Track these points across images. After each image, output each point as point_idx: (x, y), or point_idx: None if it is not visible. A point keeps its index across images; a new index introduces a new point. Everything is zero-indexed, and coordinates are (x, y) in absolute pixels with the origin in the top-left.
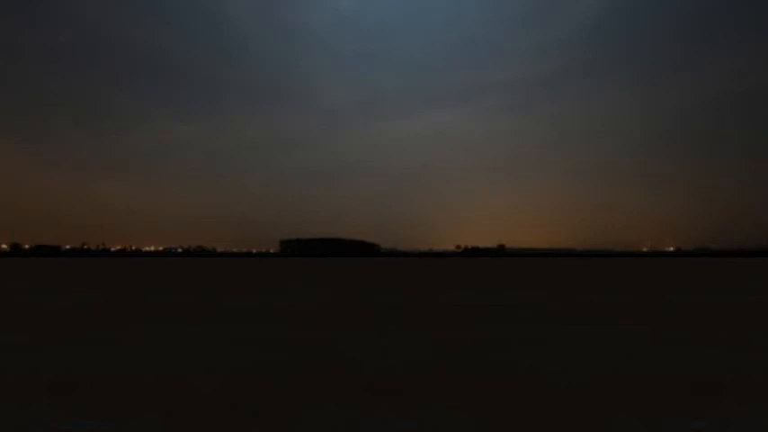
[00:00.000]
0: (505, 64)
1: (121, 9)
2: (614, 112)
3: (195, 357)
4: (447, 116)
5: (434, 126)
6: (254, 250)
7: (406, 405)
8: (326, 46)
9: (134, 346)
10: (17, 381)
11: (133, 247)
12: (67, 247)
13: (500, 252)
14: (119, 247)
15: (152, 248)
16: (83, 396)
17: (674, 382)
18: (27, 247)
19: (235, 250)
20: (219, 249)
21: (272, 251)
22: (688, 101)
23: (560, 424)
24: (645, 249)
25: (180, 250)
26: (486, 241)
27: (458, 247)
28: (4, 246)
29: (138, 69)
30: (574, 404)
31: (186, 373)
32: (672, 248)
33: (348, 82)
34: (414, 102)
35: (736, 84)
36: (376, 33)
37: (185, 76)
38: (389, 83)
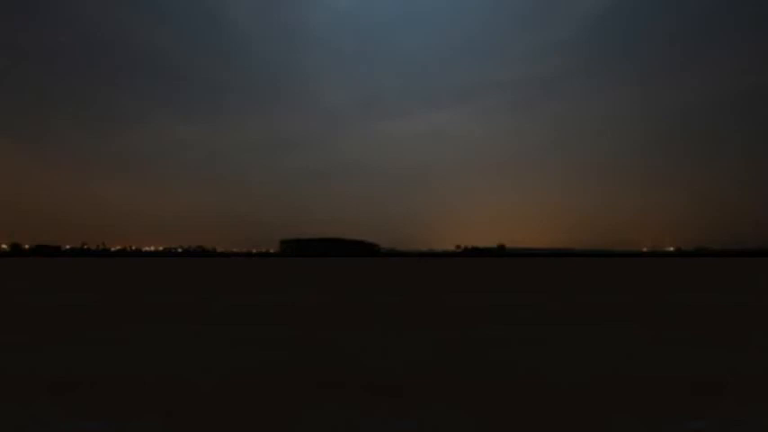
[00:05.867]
0: (505, 64)
1: (121, 9)
2: (614, 112)
3: (195, 357)
4: (447, 116)
5: (434, 126)
6: (254, 250)
7: (406, 405)
8: (326, 46)
9: (134, 346)
10: (17, 381)
11: (133, 247)
12: (67, 247)
13: (500, 252)
14: (119, 247)
15: (152, 248)
16: (83, 396)
17: (674, 382)
18: (27, 247)
19: (235, 250)
20: (219, 249)
21: (272, 251)
22: (688, 101)
23: (560, 424)
24: (645, 249)
25: (180, 250)
26: (486, 241)
27: (458, 247)
28: (4, 246)
29: (138, 69)
30: (574, 404)
31: (186, 373)
32: (672, 248)
33: (348, 82)
34: (414, 102)
35: (736, 84)
36: (376, 33)
37: (185, 76)
38: (389, 83)
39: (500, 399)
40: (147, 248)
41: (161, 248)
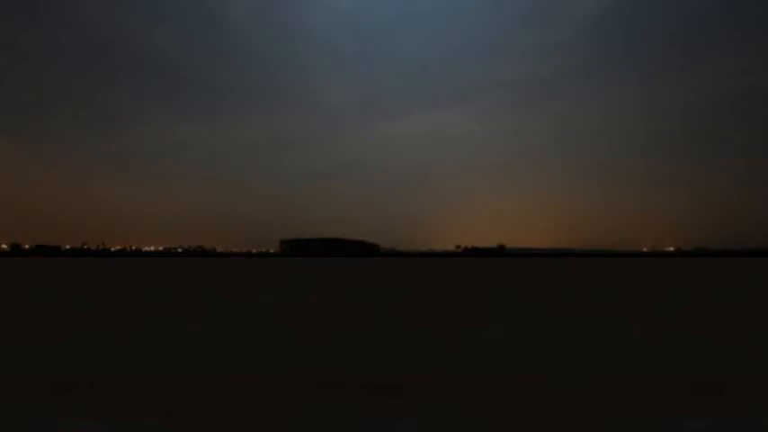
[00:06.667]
0: (505, 64)
1: (121, 9)
2: (614, 112)
3: (195, 357)
4: (447, 116)
5: (434, 126)
6: (254, 250)
7: (406, 405)
8: (326, 46)
9: (134, 346)
10: (17, 381)
11: (133, 247)
12: (67, 247)
13: (500, 252)
14: (119, 247)
15: (152, 248)
16: (83, 396)
17: (674, 382)
18: (27, 247)
19: (235, 250)
20: (219, 249)
21: (272, 251)
22: (688, 101)
23: (560, 424)
24: (645, 249)
25: (180, 250)
26: (486, 241)
27: (458, 247)
28: (4, 246)
29: (138, 69)
30: (574, 404)
31: (186, 373)
32: (672, 248)
33: (348, 82)
34: (414, 102)
35: (736, 84)
36: (376, 33)
37: (185, 76)
38: (389, 83)
39: (500, 399)
40: (147, 248)
41: (161, 248)
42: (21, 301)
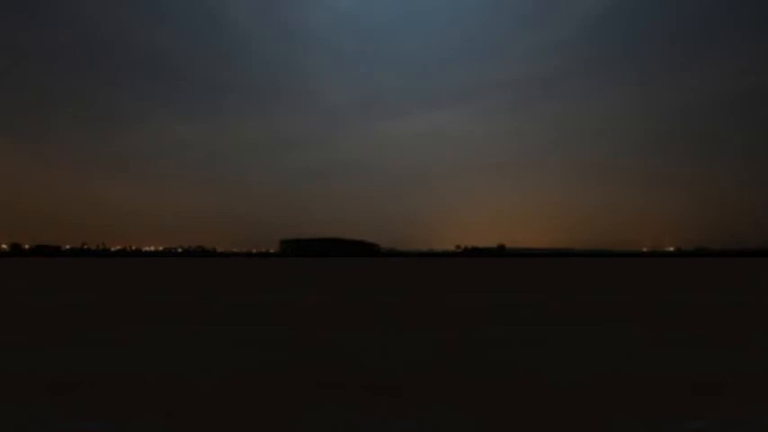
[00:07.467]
0: (505, 64)
1: (121, 9)
2: (614, 112)
3: (195, 357)
4: (447, 116)
5: (434, 126)
6: (254, 250)
7: (406, 405)
8: (326, 46)
9: (134, 346)
10: (17, 381)
11: (133, 247)
12: (67, 247)
13: (500, 252)
14: (119, 247)
15: (152, 248)
16: (83, 396)
17: (674, 382)
18: (27, 247)
19: (235, 250)
20: (219, 249)
21: (272, 251)
22: (688, 101)
23: (560, 424)
24: (645, 249)
25: (180, 250)
26: (486, 241)
27: (458, 247)
28: (4, 246)
29: (138, 69)
30: (574, 404)
31: (186, 373)
32: (672, 248)
33: (348, 82)
34: (414, 102)
35: (737, 84)
36: (376, 33)
37: (185, 76)
38: (389, 83)
39: (500, 399)
40: (147, 248)
41: (161, 248)
42: (21, 301)
